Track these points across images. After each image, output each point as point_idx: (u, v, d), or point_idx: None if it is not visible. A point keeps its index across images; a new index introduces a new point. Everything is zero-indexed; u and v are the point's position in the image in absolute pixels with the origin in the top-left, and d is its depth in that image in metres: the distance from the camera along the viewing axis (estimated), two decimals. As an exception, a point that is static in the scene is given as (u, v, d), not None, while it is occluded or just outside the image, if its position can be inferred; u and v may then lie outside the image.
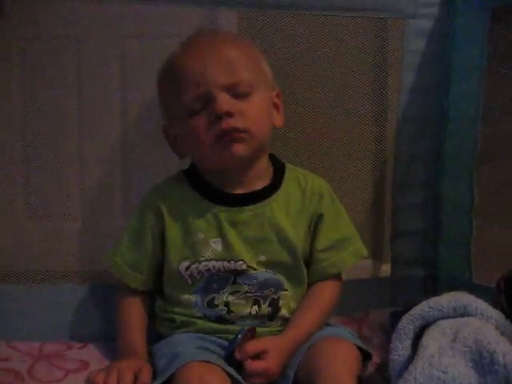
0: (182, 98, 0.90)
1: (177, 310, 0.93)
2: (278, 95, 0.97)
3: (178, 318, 0.92)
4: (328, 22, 1.13)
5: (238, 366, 0.83)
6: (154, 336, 0.95)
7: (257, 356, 0.84)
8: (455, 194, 1.11)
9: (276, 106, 0.96)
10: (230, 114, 0.87)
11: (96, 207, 1.18)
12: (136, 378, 0.84)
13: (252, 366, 0.83)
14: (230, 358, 0.84)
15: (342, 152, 1.18)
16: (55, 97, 1.16)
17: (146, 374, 0.85)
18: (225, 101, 0.87)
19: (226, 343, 0.88)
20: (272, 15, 1.11)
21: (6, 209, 1.18)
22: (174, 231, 0.93)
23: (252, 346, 0.84)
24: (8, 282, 1.06)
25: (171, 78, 0.92)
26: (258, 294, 0.92)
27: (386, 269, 1.20)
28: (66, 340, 1.02)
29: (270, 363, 0.84)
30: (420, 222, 1.16)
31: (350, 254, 0.97)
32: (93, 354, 0.97)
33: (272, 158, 0.99)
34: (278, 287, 0.93)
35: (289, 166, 0.99)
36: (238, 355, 0.83)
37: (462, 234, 1.09)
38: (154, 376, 0.85)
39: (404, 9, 1.12)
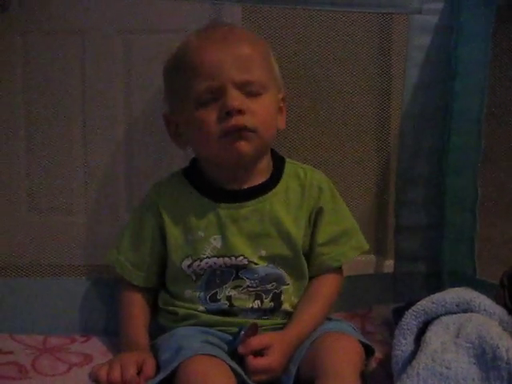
0: (193, 87, 0.89)
1: (180, 303, 0.93)
2: (283, 99, 0.97)
3: (181, 312, 0.93)
4: (332, 16, 1.13)
5: (242, 362, 0.83)
6: (156, 329, 0.95)
7: (259, 352, 0.84)
8: (459, 189, 1.11)
9: (280, 110, 0.97)
10: (240, 112, 0.87)
11: (99, 201, 1.18)
12: (139, 371, 0.85)
13: (254, 362, 0.83)
14: (233, 355, 0.84)
15: (345, 147, 1.18)
16: (59, 92, 1.16)
17: (149, 367, 0.85)
18: (237, 97, 0.87)
19: (228, 337, 0.88)
20: (276, 10, 1.11)
21: (10, 203, 1.19)
22: (174, 230, 0.94)
23: (256, 341, 0.84)
24: (12, 276, 1.07)
25: (183, 65, 0.91)
26: (260, 288, 0.92)
27: (389, 264, 1.20)
28: (70, 333, 1.02)
29: (272, 359, 0.83)
30: (423, 217, 1.16)
31: (351, 248, 0.97)
32: (96, 348, 0.97)
33: (272, 152, 0.99)
34: (280, 281, 0.93)
35: (289, 161, 0.99)
36: (241, 350, 0.83)
37: (466, 230, 1.09)
38: (158, 369, 0.86)
39: (409, 4, 1.11)
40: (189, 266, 0.92)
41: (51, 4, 1.14)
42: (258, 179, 0.95)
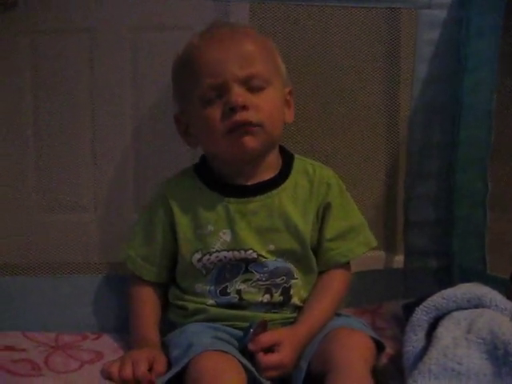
0: (197, 86, 0.90)
1: (190, 298, 0.94)
2: (290, 92, 0.98)
3: (191, 306, 0.93)
4: (341, 12, 1.13)
5: (252, 358, 0.84)
6: (166, 326, 0.96)
7: (270, 349, 0.84)
8: (469, 184, 1.11)
9: (287, 103, 0.97)
10: (244, 107, 0.88)
11: (109, 199, 1.19)
12: (150, 368, 0.85)
13: (265, 359, 0.83)
14: (243, 351, 0.84)
15: (354, 143, 1.18)
16: (67, 90, 1.16)
17: (160, 364, 0.86)
18: (240, 93, 0.88)
19: (239, 333, 0.89)
20: (284, 7, 1.11)
21: (20, 201, 1.19)
22: (184, 225, 0.94)
23: (266, 338, 0.85)
24: (24, 274, 1.07)
25: (188, 66, 0.93)
26: (269, 282, 0.93)
27: (399, 260, 1.20)
28: (82, 330, 1.02)
29: (283, 356, 0.84)
30: (433, 212, 1.16)
31: (359, 244, 0.97)
32: (107, 345, 0.98)
33: (281, 149, 0.99)
34: (289, 275, 0.94)
35: (298, 157, 1.00)
36: (251, 347, 0.83)
37: (476, 225, 1.08)
38: (169, 366, 0.86)
39: (417, -2, 1.11)
40: (198, 261, 0.93)
41: (58, 3, 1.14)
42: (267, 175, 0.95)
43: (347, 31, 1.15)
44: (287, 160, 0.98)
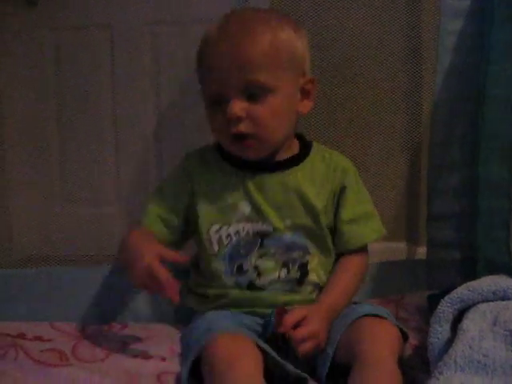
0: (205, 86, 0.94)
1: (209, 283, 0.95)
2: (311, 81, 0.95)
3: (211, 292, 0.94)
4: (362, 2, 1.13)
5: (280, 350, 0.84)
6: (189, 314, 0.97)
7: (297, 326, 0.84)
8: (493, 175, 1.09)
9: (306, 93, 0.95)
10: (239, 119, 0.89)
11: (131, 192, 1.20)
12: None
13: (297, 332, 0.83)
14: (270, 342, 0.85)
15: (377, 134, 1.18)
16: (89, 85, 1.18)
17: (169, 252, 0.87)
18: (236, 105, 0.89)
19: (258, 319, 0.90)
20: (304, -2, 1.11)
21: (44, 195, 1.21)
22: (203, 197, 0.96)
23: (291, 317, 0.85)
24: (50, 266, 1.09)
25: (202, 61, 0.94)
26: (286, 256, 0.94)
27: (422, 251, 1.20)
28: (107, 321, 1.03)
29: (312, 325, 0.84)
30: (457, 204, 1.15)
31: (372, 230, 0.99)
32: (133, 335, 0.99)
33: (300, 137, 1.00)
34: (305, 250, 0.95)
35: (316, 144, 1.01)
36: (281, 329, 0.83)
37: (500, 216, 1.07)
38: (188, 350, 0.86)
39: (440, -12, 1.10)
40: (216, 232, 0.94)
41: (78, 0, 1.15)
42: (284, 156, 0.97)
43: (369, 21, 1.14)
44: (305, 146, 1.00)
